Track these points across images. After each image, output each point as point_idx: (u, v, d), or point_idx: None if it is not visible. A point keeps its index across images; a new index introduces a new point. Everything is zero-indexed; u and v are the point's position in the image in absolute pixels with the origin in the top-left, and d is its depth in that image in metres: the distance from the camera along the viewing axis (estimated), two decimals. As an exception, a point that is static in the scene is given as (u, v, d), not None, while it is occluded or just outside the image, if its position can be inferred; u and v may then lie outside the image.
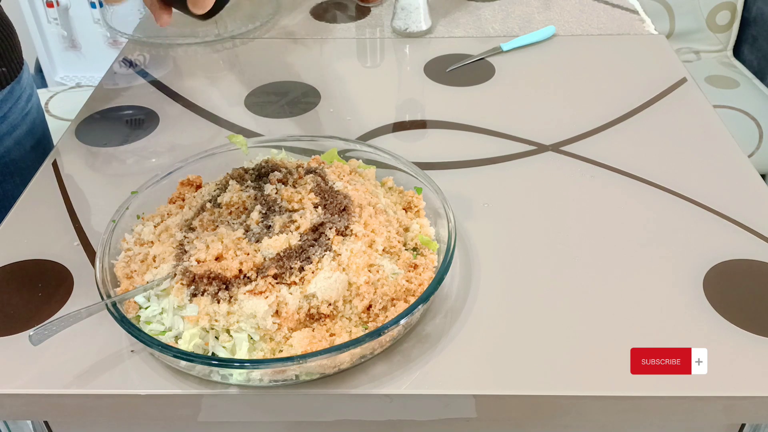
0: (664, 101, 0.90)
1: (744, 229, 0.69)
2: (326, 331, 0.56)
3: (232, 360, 0.55)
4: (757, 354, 0.57)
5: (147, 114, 0.91)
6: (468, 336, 0.60)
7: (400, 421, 0.60)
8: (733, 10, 1.90)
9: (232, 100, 0.94)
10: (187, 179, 0.71)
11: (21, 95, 0.96)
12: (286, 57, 1.04)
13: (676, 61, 0.99)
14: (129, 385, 0.57)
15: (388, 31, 1.09)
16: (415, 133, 0.87)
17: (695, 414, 0.57)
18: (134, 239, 0.65)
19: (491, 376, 0.57)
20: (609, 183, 0.76)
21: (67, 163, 0.82)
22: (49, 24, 2.14)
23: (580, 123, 0.86)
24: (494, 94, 0.94)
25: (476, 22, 1.12)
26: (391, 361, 0.58)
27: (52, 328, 0.54)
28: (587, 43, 1.05)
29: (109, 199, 0.71)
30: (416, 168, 0.70)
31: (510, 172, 0.79)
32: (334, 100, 0.93)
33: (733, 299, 0.62)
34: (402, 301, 0.57)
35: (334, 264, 0.58)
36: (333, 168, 0.69)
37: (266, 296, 0.56)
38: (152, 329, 0.57)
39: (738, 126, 1.67)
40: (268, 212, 0.63)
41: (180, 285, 0.57)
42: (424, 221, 0.67)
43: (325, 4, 1.20)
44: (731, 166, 0.78)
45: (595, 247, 0.68)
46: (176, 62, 1.04)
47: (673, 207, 0.73)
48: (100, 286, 0.59)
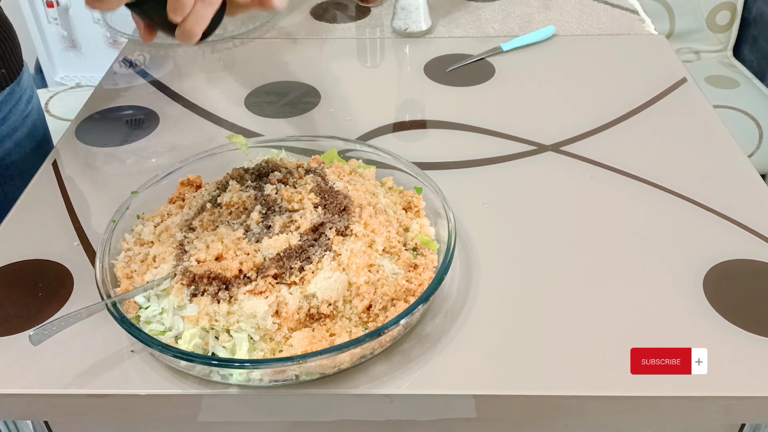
0: (664, 101, 0.90)
1: (744, 229, 0.69)
2: (326, 331, 0.56)
3: (232, 360, 0.55)
4: (757, 354, 0.57)
5: (147, 114, 0.91)
6: (468, 336, 0.60)
7: (400, 421, 0.60)
8: (733, 10, 1.89)
9: (232, 100, 0.94)
10: (187, 179, 0.71)
11: (21, 97, 0.96)
12: (286, 57, 1.04)
13: (676, 61, 0.99)
14: (129, 385, 0.57)
15: (388, 31, 1.09)
16: (415, 133, 0.86)
17: (695, 414, 0.57)
18: (134, 239, 0.65)
19: (491, 376, 0.57)
20: (609, 183, 0.76)
21: (67, 163, 0.82)
22: (49, 24, 2.13)
23: (580, 123, 0.86)
24: (494, 94, 0.94)
25: (476, 22, 1.12)
26: (391, 361, 0.58)
27: (52, 328, 0.54)
28: (587, 43, 1.05)
29: (109, 199, 0.72)
30: (416, 168, 0.70)
31: (510, 172, 0.79)
32: (334, 100, 0.93)
33: (733, 299, 0.62)
34: (402, 301, 0.57)
35: (334, 264, 0.58)
36: (333, 168, 0.69)
37: (266, 296, 0.56)
38: (152, 329, 0.57)
39: (738, 126, 1.67)
40: (268, 212, 0.63)
41: (180, 285, 0.57)
42: (424, 221, 0.67)
43: (325, 4, 1.20)
44: (731, 166, 0.78)
45: (595, 247, 0.68)
46: (176, 62, 1.04)
47: (673, 207, 0.73)
48: (100, 286, 0.59)
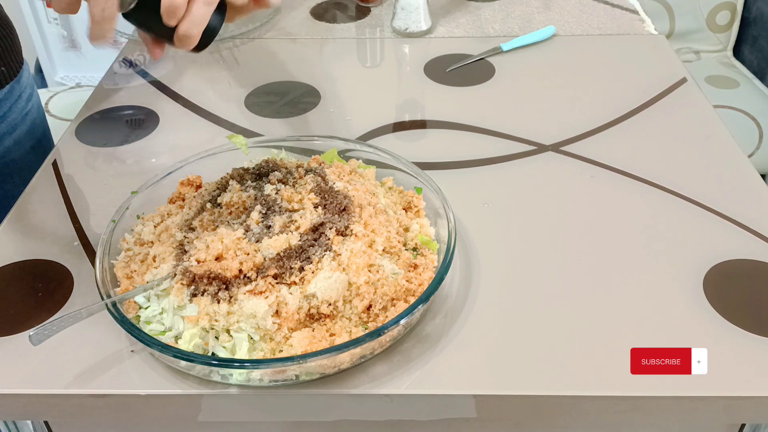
0: (664, 101, 0.90)
1: (744, 229, 0.69)
2: (326, 331, 0.56)
3: (232, 360, 0.55)
4: (757, 354, 0.57)
5: (147, 114, 0.91)
6: (468, 336, 0.60)
7: (400, 421, 0.60)
8: (733, 10, 1.89)
9: (232, 100, 0.93)
10: (187, 179, 0.71)
11: (21, 95, 0.96)
12: (286, 57, 1.04)
13: (676, 61, 0.99)
14: (129, 385, 0.57)
15: (388, 31, 1.09)
16: (415, 133, 0.86)
17: (695, 414, 0.57)
18: (134, 239, 0.65)
19: (491, 376, 0.57)
20: (609, 183, 0.76)
21: (67, 163, 0.82)
22: (49, 24, 2.13)
23: (580, 123, 0.86)
24: (494, 94, 0.94)
25: (476, 22, 1.12)
26: (391, 361, 0.58)
27: (52, 328, 0.54)
28: (587, 43, 1.05)
29: (109, 199, 0.71)
30: (416, 168, 0.70)
31: (510, 172, 0.79)
32: (334, 100, 0.93)
33: (733, 299, 0.62)
34: (402, 301, 0.57)
35: (334, 264, 0.58)
36: (333, 168, 0.69)
37: (266, 296, 0.56)
38: (152, 329, 0.57)
39: (738, 126, 1.67)
40: (268, 212, 0.63)
41: (180, 285, 0.57)
42: (424, 221, 0.67)
43: (325, 4, 1.20)
44: (731, 166, 0.78)
45: (595, 247, 0.68)
46: (176, 62, 1.04)
47: (673, 207, 0.73)
48: (100, 286, 0.59)
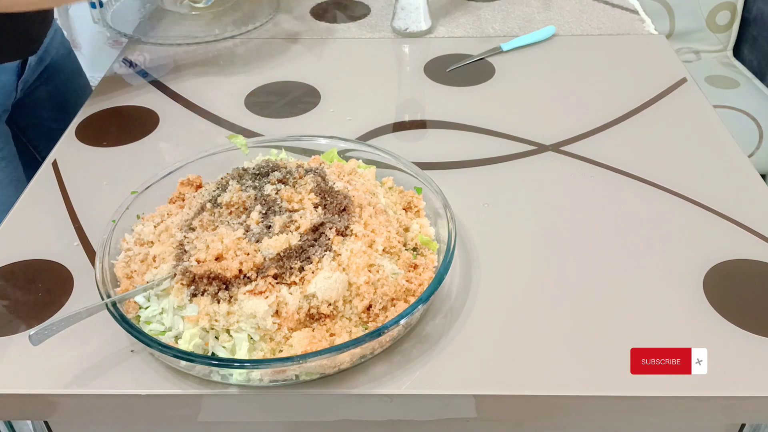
0: (664, 101, 0.90)
1: (744, 229, 0.69)
2: (326, 331, 0.56)
3: (232, 360, 0.55)
4: (757, 354, 0.57)
5: (147, 114, 0.91)
6: (468, 336, 0.60)
7: (400, 421, 0.60)
8: (733, 10, 1.89)
9: (232, 100, 0.93)
10: (187, 179, 0.71)
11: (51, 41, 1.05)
12: (286, 57, 1.04)
13: (676, 61, 0.99)
14: (129, 385, 0.57)
15: (388, 31, 1.09)
16: (415, 133, 0.86)
17: (695, 414, 0.57)
18: (134, 239, 0.65)
19: (491, 376, 0.57)
20: (609, 183, 0.76)
21: (67, 163, 0.82)
22: (49, 24, 2.13)
23: (579, 123, 0.86)
24: (494, 94, 0.94)
25: (476, 22, 1.12)
26: (391, 361, 0.58)
27: (52, 328, 0.54)
28: (587, 43, 1.05)
29: (109, 199, 0.71)
30: (416, 168, 0.70)
31: (510, 172, 0.79)
32: (334, 100, 0.93)
33: (733, 299, 0.62)
34: (402, 301, 0.57)
35: (334, 264, 0.58)
36: (333, 168, 0.69)
37: (266, 296, 0.56)
38: (152, 329, 0.57)
39: (738, 126, 1.67)
40: (268, 212, 0.63)
41: (180, 285, 0.57)
42: (424, 221, 0.67)
43: (325, 4, 1.20)
44: (731, 166, 0.78)
45: (595, 247, 0.68)
46: (176, 62, 1.04)
47: (673, 207, 0.73)
48: (100, 286, 0.59)
